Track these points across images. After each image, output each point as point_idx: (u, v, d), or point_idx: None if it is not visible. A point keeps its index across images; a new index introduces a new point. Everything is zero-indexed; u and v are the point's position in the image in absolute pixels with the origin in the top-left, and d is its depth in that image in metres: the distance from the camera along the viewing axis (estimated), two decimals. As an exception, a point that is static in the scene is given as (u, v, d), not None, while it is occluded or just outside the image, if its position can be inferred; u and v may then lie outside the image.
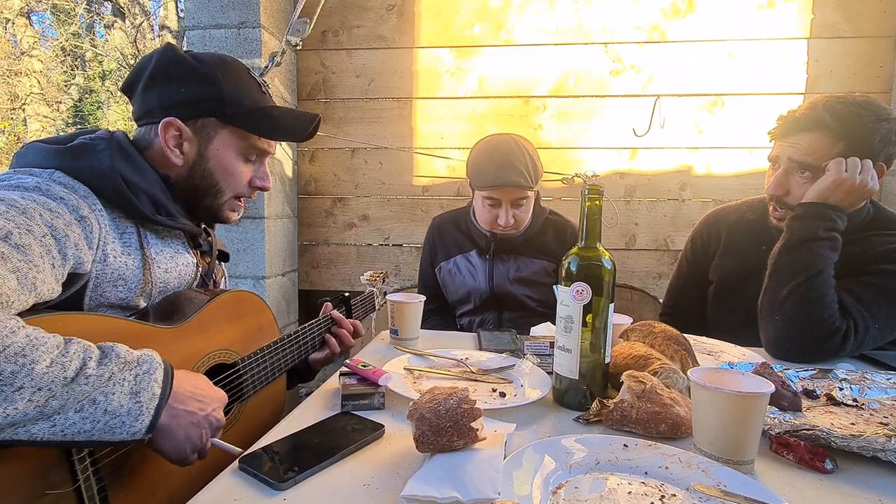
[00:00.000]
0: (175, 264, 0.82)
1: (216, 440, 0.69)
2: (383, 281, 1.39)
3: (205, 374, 0.77)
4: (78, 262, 0.66)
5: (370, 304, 1.28)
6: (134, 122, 0.87)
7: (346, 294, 1.16)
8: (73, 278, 0.67)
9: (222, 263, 1.02)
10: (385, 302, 1.35)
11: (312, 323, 1.02)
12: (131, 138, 0.83)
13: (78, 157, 0.73)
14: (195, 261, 0.88)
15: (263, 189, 0.92)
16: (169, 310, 0.79)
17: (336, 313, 1.08)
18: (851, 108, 1.06)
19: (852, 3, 1.95)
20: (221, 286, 1.00)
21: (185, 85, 0.81)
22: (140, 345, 0.67)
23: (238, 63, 0.87)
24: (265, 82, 0.90)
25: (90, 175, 0.72)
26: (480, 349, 1.09)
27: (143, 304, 0.77)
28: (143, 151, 0.82)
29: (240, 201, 0.91)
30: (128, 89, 0.86)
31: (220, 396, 0.70)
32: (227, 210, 0.89)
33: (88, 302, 0.70)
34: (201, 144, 0.84)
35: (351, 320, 1.10)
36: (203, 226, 0.92)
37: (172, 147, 0.82)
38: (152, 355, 0.61)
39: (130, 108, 0.89)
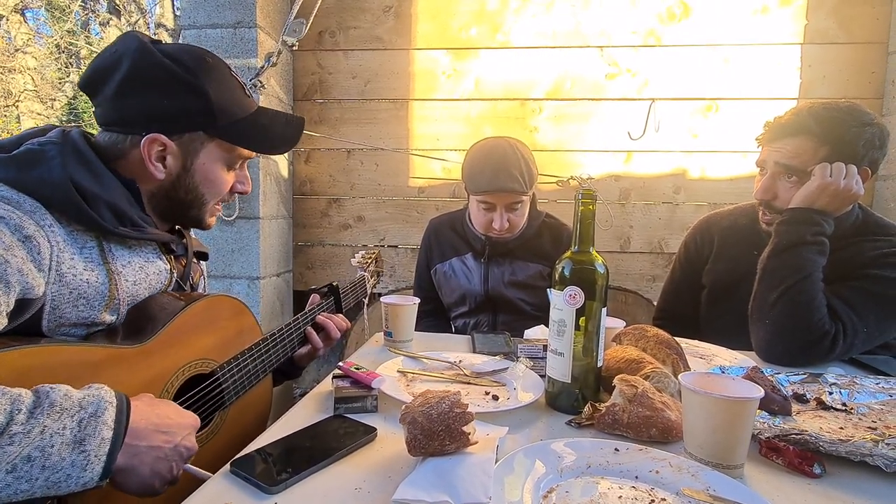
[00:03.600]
0: (145, 274, 0.77)
1: (187, 466, 0.65)
2: (375, 262, 1.32)
3: (181, 386, 0.74)
4: (26, 288, 0.60)
5: (361, 290, 1.23)
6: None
7: (335, 283, 1.11)
8: (24, 304, 0.61)
9: (201, 263, 0.97)
10: (378, 283, 1.32)
11: (296, 318, 0.98)
12: (94, 141, 0.76)
13: (24, 167, 0.66)
14: (168, 267, 0.82)
15: (244, 193, 0.89)
16: (140, 319, 0.74)
17: (321, 317, 1.03)
18: (835, 114, 1.07)
19: (845, 10, 1.97)
20: (200, 286, 0.97)
21: (168, 96, 0.74)
22: (104, 370, 0.63)
23: (220, 63, 0.80)
24: (245, 81, 0.85)
25: (39, 186, 0.65)
26: (474, 352, 1.09)
27: (108, 318, 0.71)
28: (114, 160, 0.75)
29: (218, 206, 0.87)
30: (90, 88, 0.76)
31: (190, 422, 0.65)
32: (207, 217, 0.86)
33: (47, 324, 0.65)
34: (186, 159, 0.78)
35: (328, 315, 1.04)
36: (177, 227, 0.89)
37: (155, 162, 0.76)
38: (100, 393, 0.55)
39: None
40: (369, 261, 1.30)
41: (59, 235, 0.65)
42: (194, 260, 0.93)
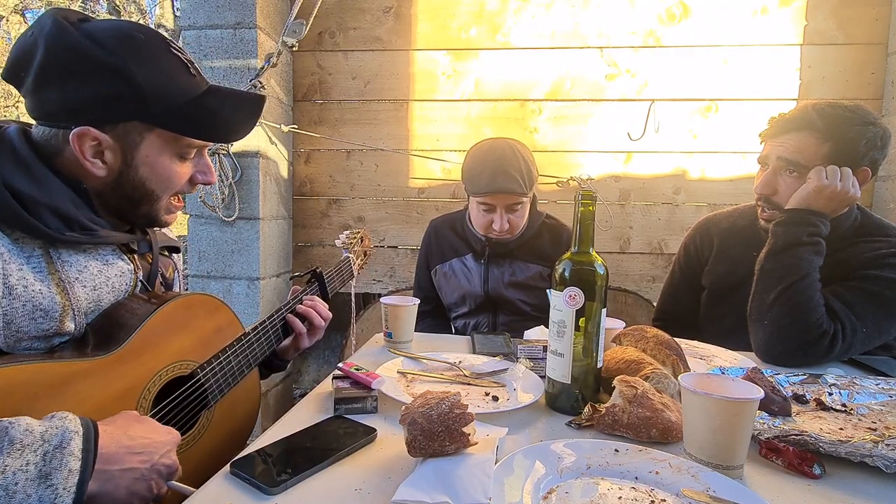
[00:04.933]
0: (106, 278, 0.72)
1: (172, 483, 0.63)
2: (361, 242, 1.27)
3: (161, 390, 0.72)
4: None
5: (347, 272, 1.18)
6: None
7: (318, 269, 1.08)
8: None
9: (173, 256, 0.92)
10: (365, 264, 1.29)
11: (278, 309, 0.95)
12: (33, 138, 0.69)
13: None
14: (131, 267, 0.77)
15: (206, 184, 0.81)
16: (109, 326, 0.71)
17: (301, 307, 0.98)
18: (839, 111, 1.08)
19: (845, 11, 1.98)
20: (176, 282, 0.92)
21: (89, 83, 0.65)
22: (73, 386, 0.61)
23: (155, 39, 0.70)
24: (192, 58, 0.75)
25: None
26: (474, 352, 1.09)
27: (71, 327, 0.67)
28: (52, 158, 0.69)
29: (178, 199, 0.80)
30: (13, 78, 0.69)
31: (168, 439, 0.63)
32: (164, 214, 0.79)
33: (5, 340, 0.61)
34: (126, 152, 0.70)
35: (311, 303, 0.99)
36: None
37: (91, 158, 0.68)
38: (64, 423, 0.53)
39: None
40: (354, 241, 1.24)
41: (3, 246, 0.61)
42: (165, 254, 0.88)
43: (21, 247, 0.64)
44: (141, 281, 0.80)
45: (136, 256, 0.80)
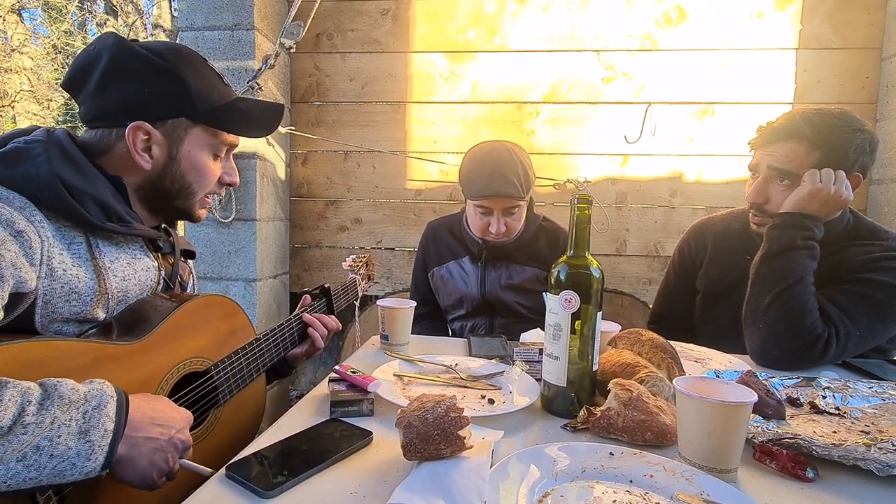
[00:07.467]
0: (133, 271, 0.78)
1: (185, 461, 0.67)
2: (366, 266, 1.34)
3: (176, 384, 0.75)
4: (19, 282, 0.61)
5: (353, 292, 1.24)
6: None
7: (327, 286, 1.13)
8: (16, 298, 0.62)
9: (189, 261, 0.98)
10: (369, 286, 1.33)
11: (289, 319, 0.99)
12: (78, 140, 0.78)
13: (11, 165, 0.68)
14: (156, 264, 0.84)
15: (231, 185, 0.90)
16: (133, 320, 0.76)
17: (307, 316, 1.02)
18: (827, 119, 1.08)
19: (840, 16, 1.99)
20: (190, 285, 0.97)
21: (147, 83, 0.76)
22: (101, 366, 0.65)
23: (196, 54, 0.82)
24: (223, 73, 0.86)
25: (27, 183, 0.67)
26: (470, 355, 1.09)
27: (101, 314, 0.72)
28: (99, 156, 0.77)
29: (209, 198, 0.88)
30: (72, 87, 0.79)
31: (184, 417, 0.67)
32: (198, 208, 0.87)
33: (40, 320, 0.66)
34: (171, 146, 0.79)
35: (319, 316, 1.04)
36: (163, 226, 0.89)
37: (141, 151, 0.77)
38: (102, 388, 0.58)
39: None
40: (360, 264, 1.30)
41: (48, 231, 0.66)
42: (182, 259, 0.93)
43: (64, 233, 0.69)
44: (164, 279, 0.86)
45: (160, 255, 0.86)
